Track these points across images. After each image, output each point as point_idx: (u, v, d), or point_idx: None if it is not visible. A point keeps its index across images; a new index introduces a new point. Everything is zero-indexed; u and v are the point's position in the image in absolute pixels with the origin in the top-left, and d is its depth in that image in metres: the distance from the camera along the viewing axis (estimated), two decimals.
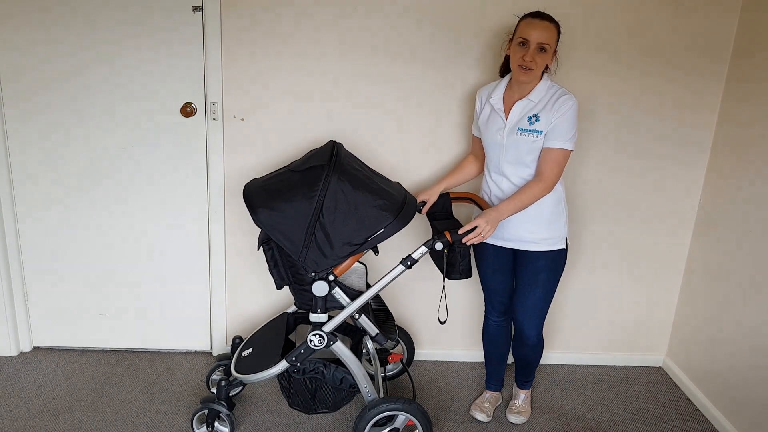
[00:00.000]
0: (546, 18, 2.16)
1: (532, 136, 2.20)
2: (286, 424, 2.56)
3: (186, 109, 2.67)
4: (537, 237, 2.31)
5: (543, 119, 2.19)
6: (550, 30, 2.14)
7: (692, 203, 2.90)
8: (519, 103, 2.24)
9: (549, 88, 2.22)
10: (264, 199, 2.12)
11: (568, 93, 2.20)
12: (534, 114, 2.21)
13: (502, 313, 2.57)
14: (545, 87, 2.22)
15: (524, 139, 2.21)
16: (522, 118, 2.23)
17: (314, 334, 2.25)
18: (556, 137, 2.18)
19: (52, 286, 2.91)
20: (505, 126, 2.26)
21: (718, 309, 2.70)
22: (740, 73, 2.62)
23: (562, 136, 2.18)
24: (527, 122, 2.22)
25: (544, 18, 2.16)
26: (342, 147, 2.29)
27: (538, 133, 2.20)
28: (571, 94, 2.20)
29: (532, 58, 2.13)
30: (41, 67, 2.60)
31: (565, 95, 2.19)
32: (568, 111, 2.16)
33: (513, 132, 2.24)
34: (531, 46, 2.13)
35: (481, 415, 2.63)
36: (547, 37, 2.13)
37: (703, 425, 2.69)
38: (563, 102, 2.17)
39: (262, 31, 2.59)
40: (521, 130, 2.22)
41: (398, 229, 2.11)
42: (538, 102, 2.21)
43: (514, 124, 2.24)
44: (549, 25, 2.14)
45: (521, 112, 2.24)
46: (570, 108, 2.17)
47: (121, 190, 2.78)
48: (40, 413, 2.54)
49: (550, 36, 2.14)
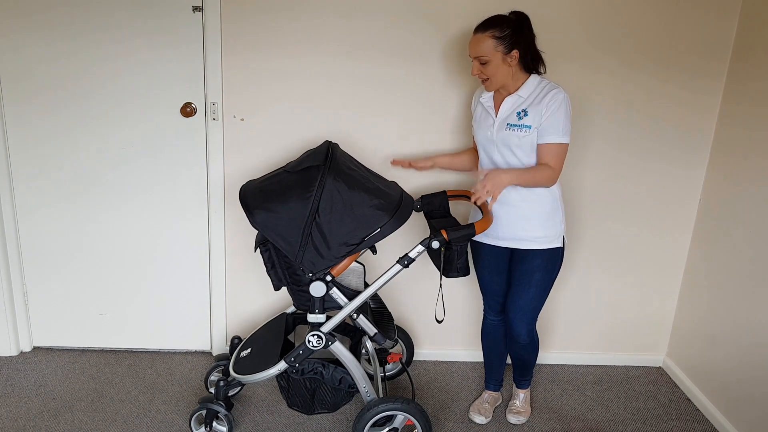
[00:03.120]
0: (480, 29, 2.17)
1: (521, 131, 2.21)
2: (286, 424, 2.56)
3: (186, 109, 2.68)
4: (533, 235, 2.30)
5: (531, 114, 2.20)
6: (481, 41, 2.16)
7: (692, 203, 2.89)
8: (508, 99, 2.26)
9: (538, 84, 2.23)
10: (260, 200, 2.12)
11: (557, 87, 2.19)
12: (523, 109, 2.22)
13: (499, 312, 2.56)
14: (535, 83, 2.23)
15: (513, 134, 2.22)
16: (511, 114, 2.24)
17: (312, 335, 2.25)
18: (550, 132, 2.18)
19: (52, 286, 2.92)
20: (494, 122, 2.28)
21: (718, 309, 2.70)
22: (740, 73, 2.62)
23: (557, 131, 2.18)
24: (516, 117, 2.23)
25: (478, 30, 2.18)
26: (337, 147, 2.29)
27: (527, 128, 2.20)
28: (560, 87, 2.19)
29: (479, 71, 2.21)
30: (41, 68, 2.61)
31: (554, 89, 2.19)
32: (559, 106, 2.16)
33: (502, 128, 2.25)
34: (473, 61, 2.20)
35: (480, 418, 2.63)
36: (480, 50, 2.17)
37: (703, 425, 2.69)
38: (553, 97, 2.17)
39: (262, 31, 2.59)
40: (510, 125, 2.23)
41: (395, 228, 2.11)
42: (527, 97, 2.23)
43: (503, 120, 2.25)
44: (480, 36, 2.16)
45: (510, 108, 2.25)
46: (561, 102, 2.16)
47: (121, 190, 2.79)
48: (40, 413, 2.54)
49: (483, 48, 2.16)
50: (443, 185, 2.81)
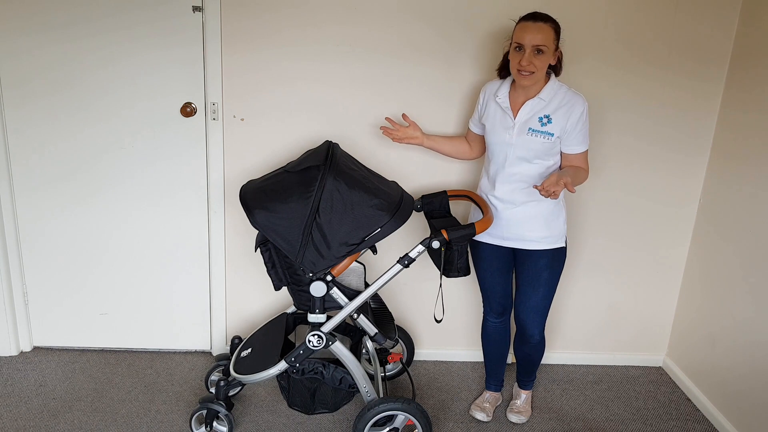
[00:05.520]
0: (540, 18, 2.11)
1: (543, 138, 2.20)
2: (286, 424, 2.56)
3: (186, 109, 2.68)
4: (537, 235, 2.31)
5: (556, 121, 2.19)
6: (544, 31, 2.10)
7: (692, 204, 2.90)
8: (529, 102, 2.22)
9: (559, 88, 2.22)
10: (260, 200, 2.12)
11: (578, 95, 2.21)
12: (545, 114, 2.20)
13: (500, 314, 2.56)
14: (555, 86, 2.22)
15: (535, 140, 2.21)
16: (532, 118, 2.22)
17: (313, 335, 2.25)
18: (577, 143, 2.24)
19: (52, 286, 2.92)
20: (514, 125, 2.25)
21: (718, 309, 2.70)
22: (739, 76, 2.62)
23: (582, 141, 2.24)
24: (538, 123, 2.21)
25: (538, 19, 2.11)
26: (338, 147, 2.29)
27: (550, 135, 2.20)
28: (580, 95, 2.21)
29: (529, 62, 2.11)
30: (42, 69, 2.60)
31: (577, 100, 2.20)
32: (585, 119, 2.21)
33: (523, 132, 2.23)
34: (526, 50, 2.10)
35: (481, 415, 2.63)
36: (542, 38, 2.09)
37: (703, 425, 2.69)
38: (576, 107, 2.18)
39: (262, 31, 2.59)
40: (532, 130, 2.21)
41: (395, 228, 2.11)
42: (549, 101, 2.20)
43: (524, 123, 2.23)
44: (543, 26, 2.10)
45: (531, 111, 2.23)
46: (584, 113, 2.21)
47: (121, 190, 2.79)
48: (40, 413, 2.54)
49: (546, 37, 2.09)
50: (443, 185, 2.81)
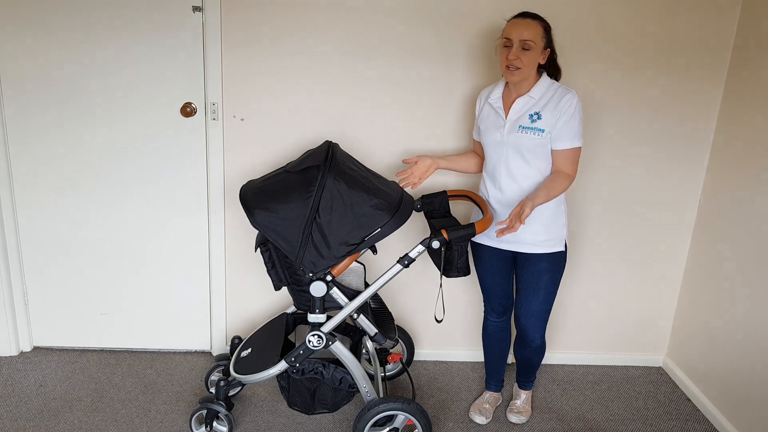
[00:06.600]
0: (529, 16, 2.16)
1: (533, 134, 2.20)
2: (286, 424, 2.56)
3: (186, 109, 2.68)
4: (537, 239, 2.30)
5: (545, 117, 2.18)
6: (532, 27, 2.13)
7: (692, 203, 2.90)
8: (519, 100, 2.23)
9: (550, 86, 2.22)
10: (260, 200, 2.12)
11: (570, 90, 2.19)
12: (536, 111, 2.20)
13: (501, 314, 2.56)
14: (546, 84, 2.22)
15: (525, 137, 2.21)
16: (522, 116, 2.22)
17: (313, 335, 2.25)
18: (566, 139, 2.19)
19: (52, 286, 2.92)
20: (505, 124, 2.25)
21: (718, 309, 2.70)
22: (740, 74, 2.62)
23: (572, 137, 2.19)
24: (528, 120, 2.21)
25: (527, 16, 2.16)
26: (338, 147, 2.29)
27: (540, 131, 2.19)
28: (572, 91, 2.19)
29: (516, 56, 2.13)
30: (42, 68, 2.61)
31: (567, 93, 2.18)
32: (574, 112, 2.17)
33: (514, 130, 2.23)
34: (514, 44, 2.13)
35: (480, 418, 2.63)
36: (529, 34, 2.12)
37: (703, 425, 2.69)
38: (567, 102, 2.16)
39: (262, 31, 2.59)
40: (522, 127, 2.21)
41: (395, 228, 2.11)
42: (539, 99, 2.21)
43: (515, 122, 2.23)
44: (531, 22, 2.14)
45: (521, 109, 2.23)
46: (575, 108, 2.17)
47: (121, 190, 2.79)
48: (40, 413, 2.54)
49: (533, 33, 2.12)
50: (443, 185, 2.81)
